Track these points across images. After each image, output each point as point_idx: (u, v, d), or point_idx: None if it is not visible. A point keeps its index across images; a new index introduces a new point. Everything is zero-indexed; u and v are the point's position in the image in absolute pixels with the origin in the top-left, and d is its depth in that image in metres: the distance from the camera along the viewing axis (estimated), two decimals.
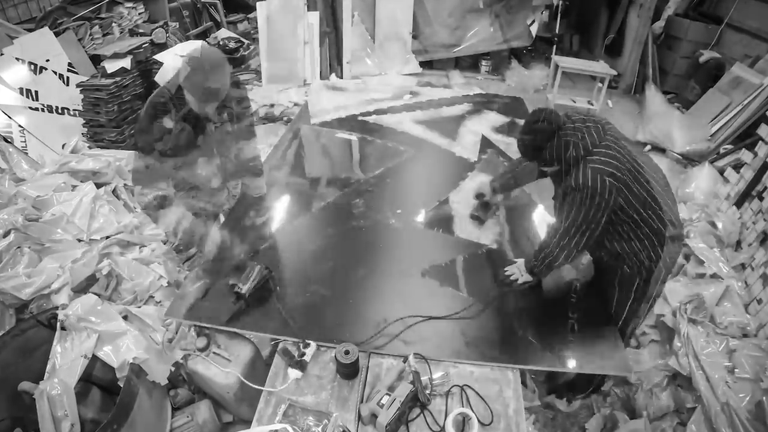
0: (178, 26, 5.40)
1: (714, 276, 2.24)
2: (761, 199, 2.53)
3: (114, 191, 2.62)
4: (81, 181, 2.55)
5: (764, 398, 1.59)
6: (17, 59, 3.87)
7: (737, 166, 3.05)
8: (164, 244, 2.49)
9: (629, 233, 1.52)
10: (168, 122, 1.69)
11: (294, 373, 1.41)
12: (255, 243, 1.91)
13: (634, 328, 1.82)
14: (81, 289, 2.01)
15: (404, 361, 1.42)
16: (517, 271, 1.68)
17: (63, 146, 3.42)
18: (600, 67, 5.04)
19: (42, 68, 4.00)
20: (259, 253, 1.77)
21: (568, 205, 1.47)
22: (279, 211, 2.18)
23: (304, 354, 1.45)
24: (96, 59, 4.31)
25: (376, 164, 2.53)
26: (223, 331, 1.60)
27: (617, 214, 1.47)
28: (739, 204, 2.71)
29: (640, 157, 1.55)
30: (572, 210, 1.45)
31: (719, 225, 2.55)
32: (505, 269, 1.72)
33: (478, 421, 1.28)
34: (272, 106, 4.92)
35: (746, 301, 2.14)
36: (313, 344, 1.48)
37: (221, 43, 5.94)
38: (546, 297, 1.74)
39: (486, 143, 2.79)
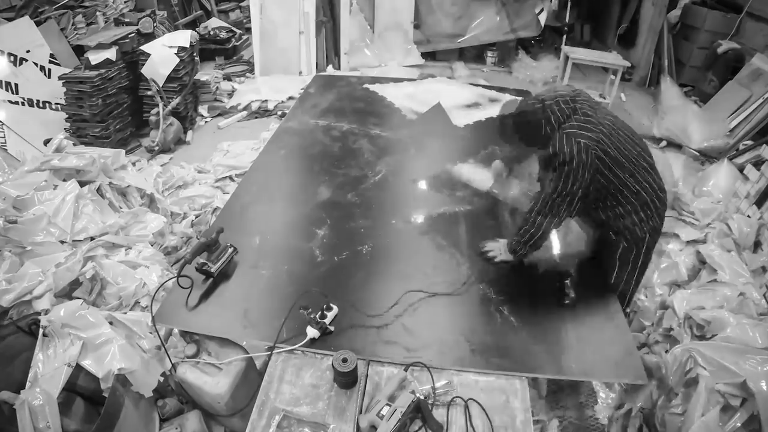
0: (166, 15, 5.40)
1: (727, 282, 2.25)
2: None
3: (98, 190, 2.63)
4: (64, 179, 2.55)
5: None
6: None
7: (758, 163, 3.06)
8: (151, 245, 2.50)
9: (617, 203, 1.68)
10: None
11: (312, 332, 1.49)
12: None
13: (633, 295, 2.01)
14: (64, 294, 2.02)
15: (405, 370, 1.42)
16: (497, 250, 1.82)
17: (45, 143, 3.43)
18: (612, 58, 5.05)
19: (22, 60, 4.00)
20: (224, 230, 1.78)
21: (549, 175, 1.62)
22: (273, 209, 2.19)
23: (325, 317, 1.53)
24: (79, 50, 4.33)
25: (376, 160, 2.54)
26: (214, 338, 1.61)
27: (600, 182, 1.62)
28: (759, 203, 2.72)
29: (616, 121, 1.69)
30: (552, 179, 1.60)
31: (733, 227, 2.55)
32: (484, 244, 1.87)
33: None
34: (266, 100, 4.92)
35: (764, 309, 2.14)
36: (335, 308, 1.57)
37: (212, 33, 5.94)
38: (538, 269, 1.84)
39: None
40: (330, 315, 1.55)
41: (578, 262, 1.85)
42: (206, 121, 4.80)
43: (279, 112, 4.85)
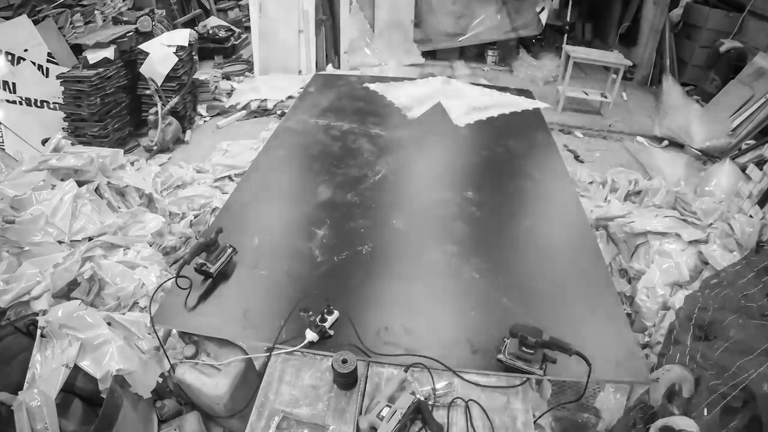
0: (164, 14, 5.41)
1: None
2: None
3: (97, 190, 2.63)
4: (62, 179, 2.56)
5: None
6: None
7: (760, 163, 3.06)
8: (150, 246, 2.50)
9: None
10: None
11: (310, 335, 1.49)
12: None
13: None
14: (62, 295, 2.02)
15: (405, 371, 1.42)
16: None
17: (43, 142, 3.43)
18: (614, 57, 5.05)
19: (20, 59, 4.01)
20: (223, 231, 1.77)
21: None
22: (272, 209, 2.19)
23: (325, 320, 1.52)
24: (77, 49, 4.33)
25: (375, 160, 2.54)
26: (213, 338, 1.61)
27: None
28: (762, 203, 2.72)
29: None
30: None
31: (735, 227, 2.55)
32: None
33: None
34: (265, 99, 4.93)
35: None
36: (336, 312, 1.56)
37: (211, 31, 5.94)
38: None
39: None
40: (330, 319, 1.54)
41: None
42: (205, 121, 4.81)
43: (278, 112, 4.86)
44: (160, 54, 4.15)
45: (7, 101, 3.83)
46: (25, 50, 4.04)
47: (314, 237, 1.99)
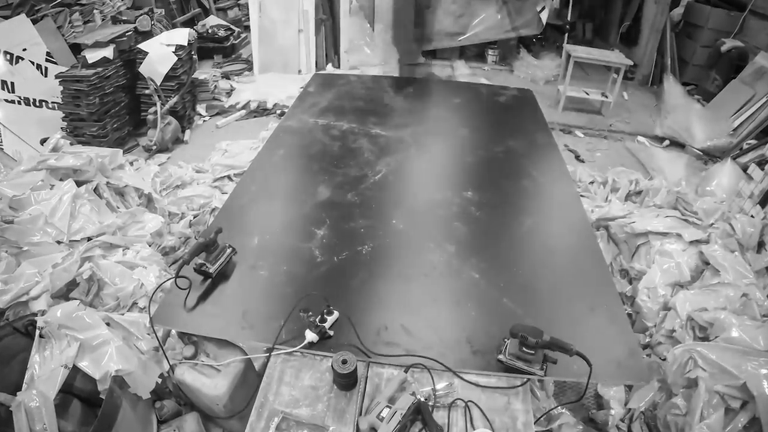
0: (163, 13, 5.41)
1: (731, 284, 2.25)
2: None
3: (96, 189, 2.63)
4: (60, 179, 2.56)
5: None
6: None
7: (761, 163, 3.06)
8: (149, 246, 2.50)
9: None
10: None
11: (310, 336, 1.48)
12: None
13: None
14: (61, 295, 2.02)
15: (405, 371, 1.42)
16: None
17: (42, 142, 3.43)
18: (615, 56, 5.05)
19: (18, 58, 4.01)
20: (222, 231, 1.77)
21: None
22: (272, 209, 2.19)
23: (325, 320, 1.51)
24: (76, 48, 4.33)
25: (376, 160, 2.54)
26: (212, 339, 1.61)
27: None
28: (763, 203, 2.72)
29: None
30: None
31: (736, 227, 2.55)
32: None
33: None
34: (264, 99, 4.93)
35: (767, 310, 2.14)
36: (336, 313, 1.55)
37: (210, 31, 5.95)
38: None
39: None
40: (330, 319, 1.54)
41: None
42: (204, 120, 4.81)
43: (278, 111, 4.86)
44: (159, 53, 4.15)
45: (6, 101, 3.83)
46: (24, 49, 4.04)
47: (314, 237, 1.99)
